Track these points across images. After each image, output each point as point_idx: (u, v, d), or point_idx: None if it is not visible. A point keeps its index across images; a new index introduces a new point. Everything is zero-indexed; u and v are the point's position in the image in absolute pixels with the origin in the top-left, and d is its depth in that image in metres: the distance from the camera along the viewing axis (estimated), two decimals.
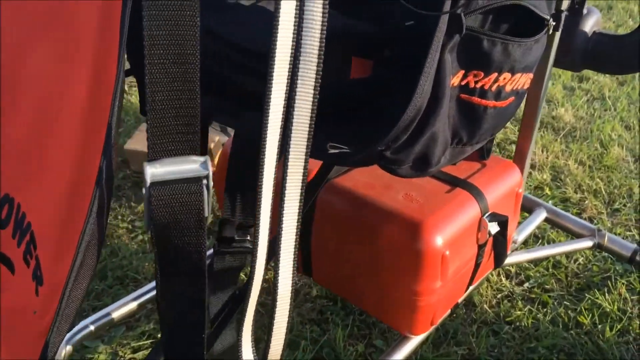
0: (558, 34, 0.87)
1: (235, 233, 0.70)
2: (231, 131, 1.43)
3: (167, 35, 0.37)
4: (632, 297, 1.27)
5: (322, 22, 0.40)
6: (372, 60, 0.65)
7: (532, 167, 1.77)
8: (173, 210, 0.41)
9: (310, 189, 0.87)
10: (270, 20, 0.44)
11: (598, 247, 1.16)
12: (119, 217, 1.47)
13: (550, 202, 1.61)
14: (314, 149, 0.62)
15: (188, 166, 0.44)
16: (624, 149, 1.89)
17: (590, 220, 1.57)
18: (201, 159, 0.44)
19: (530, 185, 1.68)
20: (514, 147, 1.73)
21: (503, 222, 0.90)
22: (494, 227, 0.89)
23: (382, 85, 0.63)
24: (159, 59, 0.37)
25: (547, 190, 1.66)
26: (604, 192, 1.66)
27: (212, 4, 0.68)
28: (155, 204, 0.44)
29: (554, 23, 0.66)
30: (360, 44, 0.64)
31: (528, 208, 1.23)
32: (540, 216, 1.19)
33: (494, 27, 0.63)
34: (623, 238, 1.52)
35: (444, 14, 0.56)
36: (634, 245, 1.14)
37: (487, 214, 0.89)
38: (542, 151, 1.85)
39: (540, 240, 1.45)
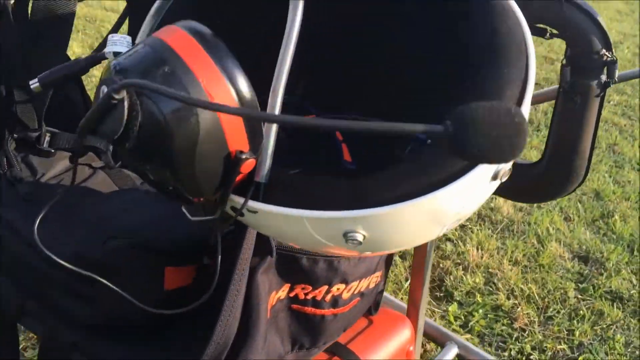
0: None
1: None
2: None
3: None
4: None
5: None
6: (194, 265, 0.58)
7: (465, 269, 1.70)
8: None
9: None
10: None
11: None
12: None
13: (481, 310, 1.54)
14: None
15: None
16: (561, 244, 1.84)
17: (522, 330, 1.50)
18: None
19: (462, 292, 1.61)
20: (447, 245, 1.66)
21: None
22: None
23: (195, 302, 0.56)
24: None
25: (478, 297, 1.59)
26: (537, 298, 1.60)
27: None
28: None
29: None
30: (175, 252, 0.57)
31: (440, 342, 1.15)
32: (451, 352, 1.12)
33: None
34: (553, 354, 1.45)
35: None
36: None
37: None
38: (477, 249, 1.79)
39: None
